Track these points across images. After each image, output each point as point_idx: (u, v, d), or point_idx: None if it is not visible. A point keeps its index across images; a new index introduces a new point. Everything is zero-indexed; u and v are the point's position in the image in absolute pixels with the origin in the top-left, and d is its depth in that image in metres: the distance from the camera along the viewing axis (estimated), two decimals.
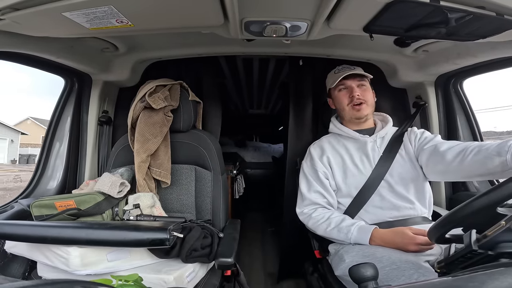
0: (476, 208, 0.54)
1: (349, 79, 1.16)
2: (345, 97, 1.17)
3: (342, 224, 1.03)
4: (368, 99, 1.15)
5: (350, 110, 1.16)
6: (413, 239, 0.91)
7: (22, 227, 0.88)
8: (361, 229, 1.00)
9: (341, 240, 1.03)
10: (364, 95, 1.15)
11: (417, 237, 0.91)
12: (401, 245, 0.92)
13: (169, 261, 0.99)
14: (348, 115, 1.17)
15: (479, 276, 0.40)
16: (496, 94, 38.05)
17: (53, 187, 1.35)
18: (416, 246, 0.90)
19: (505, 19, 0.77)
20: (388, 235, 0.96)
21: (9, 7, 0.73)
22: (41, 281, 0.37)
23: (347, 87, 1.17)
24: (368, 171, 1.11)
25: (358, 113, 1.14)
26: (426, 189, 1.11)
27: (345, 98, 1.17)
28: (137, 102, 1.25)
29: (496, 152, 0.81)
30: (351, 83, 1.16)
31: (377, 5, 0.75)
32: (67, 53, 1.14)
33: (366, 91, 1.16)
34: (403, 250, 0.92)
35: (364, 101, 1.14)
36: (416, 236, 0.92)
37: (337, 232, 1.03)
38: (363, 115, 1.14)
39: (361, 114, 1.14)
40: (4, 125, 18.21)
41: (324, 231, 1.07)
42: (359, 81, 1.16)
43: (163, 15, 0.83)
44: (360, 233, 0.99)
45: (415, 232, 0.93)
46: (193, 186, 1.24)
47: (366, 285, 0.53)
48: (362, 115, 1.14)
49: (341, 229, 1.02)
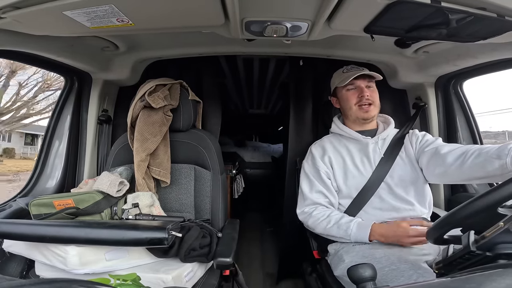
0: (475, 210, 0.54)
1: (358, 79, 1.15)
2: (354, 97, 1.16)
3: (342, 221, 1.04)
4: (376, 100, 1.16)
5: (357, 110, 1.15)
6: (406, 229, 0.93)
7: (20, 226, 0.88)
8: (360, 225, 1.01)
9: (341, 237, 1.03)
10: (373, 96, 1.15)
11: (411, 228, 0.93)
12: (396, 236, 0.94)
13: (168, 260, 0.99)
14: (354, 114, 1.17)
15: (477, 277, 0.40)
16: (492, 97, 38.57)
17: (52, 185, 1.35)
18: (409, 238, 0.91)
19: (506, 21, 0.77)
20: (384, 227, 0.98)
21: (10, 6, 0.73)
22: (39, 280, 0.37)
23: (356, 87, 1.16)
24: (368, 172, 1.11)
25: (365, 114, 1.14)
26: (426, 191, 1.11)
27: (353, 97, 1.16)
28: (137, 101, 1.25)
29: (496, 155, 0.81)
30: (361, 83, 1.15)
31: (378, 5, 0.75)
32: (68, 52, 1.14)
33: (374, 92, 1.16)
34: (400, 244, 0.93)
35: (373, 102, 1.14)
36: (410, 227, 0.93)
37: (337, 229, 1.03)
38: (370, 116, 1.14)
39: (369, 115, 1.14)
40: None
41: (324, 229, 1.07)
42: (368, 82, 1.16)
43: (164, 14, 0.83)
44: (359, 229, 1.00)
45: (411, 224, 0.95)
46: (193, 185, 1.24)
47: (364, 285, 0.53)
48: (370, 116, 1.14)
49: (341, 225, 1.03)
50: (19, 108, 10.09)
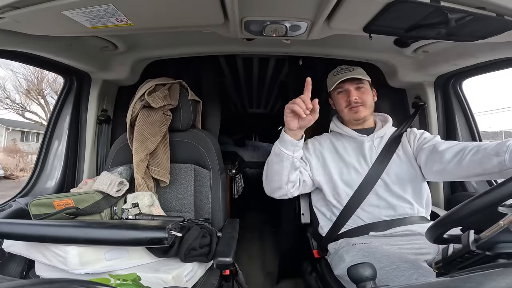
0: (475, 209, 0.54)
1: (347, 82, 1.16)
2: (343, 100, 1.18)
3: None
4: (366, 100, 1.16)
5: (348, 112, 1.17)
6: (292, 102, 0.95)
7: (20, 226, 0.88)
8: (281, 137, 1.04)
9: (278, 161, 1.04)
10: (362, 97, 1.15)
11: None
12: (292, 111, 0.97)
13: (168, 260, 0.99)
14: (346, 116, 1.19)
15: (477, 276, 0.40)
16: (488, 96, 38.58)
17: (52, 186, 1.35)
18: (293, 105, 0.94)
19: (505, 20, 0.77)
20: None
21: (9, 6, 0.73)
22: (39, 280, 0.37)
23: (344, 90, 1.17)
24: (364, 170, 1.12)
25: (355, 115, 1.16)
26: (424, 189, 1.11)
27: (343, 101, 1.18)
28: (136, 101, 1.25)
29: (494, 152, 0.82)
30: (349, 86, 1.16)
31: (378, 5, 0.75)
32: (66, 52, 1.13)
33: (364, 93, 1.16)
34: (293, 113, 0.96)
35: (362, 104, 1.15)
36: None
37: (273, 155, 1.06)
38: (360, 117, 1.16)
39: (359, 116, 1.15)
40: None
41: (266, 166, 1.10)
42: (357, 84, 1.17)
43: (163, 14, 0.82)
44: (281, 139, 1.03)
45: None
46: (192, 185, 1.24)
47: (364, 285, 0.53)
48: (360, 117, 1.16)
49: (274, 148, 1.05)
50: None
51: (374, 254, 0.91)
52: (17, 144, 15.01)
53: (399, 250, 0.93)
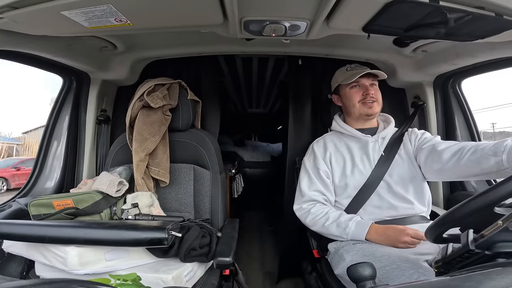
0: (474, 208, 0.54)
1: (363, 78, 1.17)
2: (358, 94, 1.18)
3: (341, 219, 1.04)
4: (379, 98, 1.18)
5: (361, 107, 1.17)
6: (403, 229, 0.94)
7: (19, 226, 0.87)
8: (359, 224, 1.02)
9: (338, 236, 1.04)
10: (376, 94, 1.17)
11: (407, 227, 0.94)
12: (392, 237, 0.95)
13: (168, 260, 0.99)
14: (358, 111, 1.18)
15: (476, 276, 0.40)
16: (490, 94, 38.32)
17: (51, 186, 1.35)
18: (407, 236, 0.92)
19: (504, 20, 0.77)
20: (381, 227, 0.99)
21: (8, 6, 0.73)
22: (39, 280, 0.37)
23: (360, 85, 1.18)
24: (368, 171, 1.12)
25: (369, 110, 1.15)
26: (425, 189, 1.12)
27: (357, 95, 1.18)
28: (136, 101, 1.24)
29: (492, 152, 0.82)
30: (365, 81, 1.17)
31: (377, 5, 0.75)
32: (65, 52, 1.13)
33: (377, 91, 1.19)
34: (394, 245, 0.94)
35: (376, 100, 1.16)
36: (406, 227, 0.94)
37: (336, 227, 1.04)
38: (374, 112, 1.16)
39: (372, 111, 1.16)
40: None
41: (322, 226, 1.08)
42: (372, 81, 1.18)
43: (162, 14, 0.82)
44: (358, 228, 1.01)
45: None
46: (192, 185, 1.24)
47: (364, 284, 0.53)
48: (373, 112, 1.16)
49: (340, 223, 1.03)
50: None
51: (374, 254, 0.91)
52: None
53: (399, 249, 0.93)
